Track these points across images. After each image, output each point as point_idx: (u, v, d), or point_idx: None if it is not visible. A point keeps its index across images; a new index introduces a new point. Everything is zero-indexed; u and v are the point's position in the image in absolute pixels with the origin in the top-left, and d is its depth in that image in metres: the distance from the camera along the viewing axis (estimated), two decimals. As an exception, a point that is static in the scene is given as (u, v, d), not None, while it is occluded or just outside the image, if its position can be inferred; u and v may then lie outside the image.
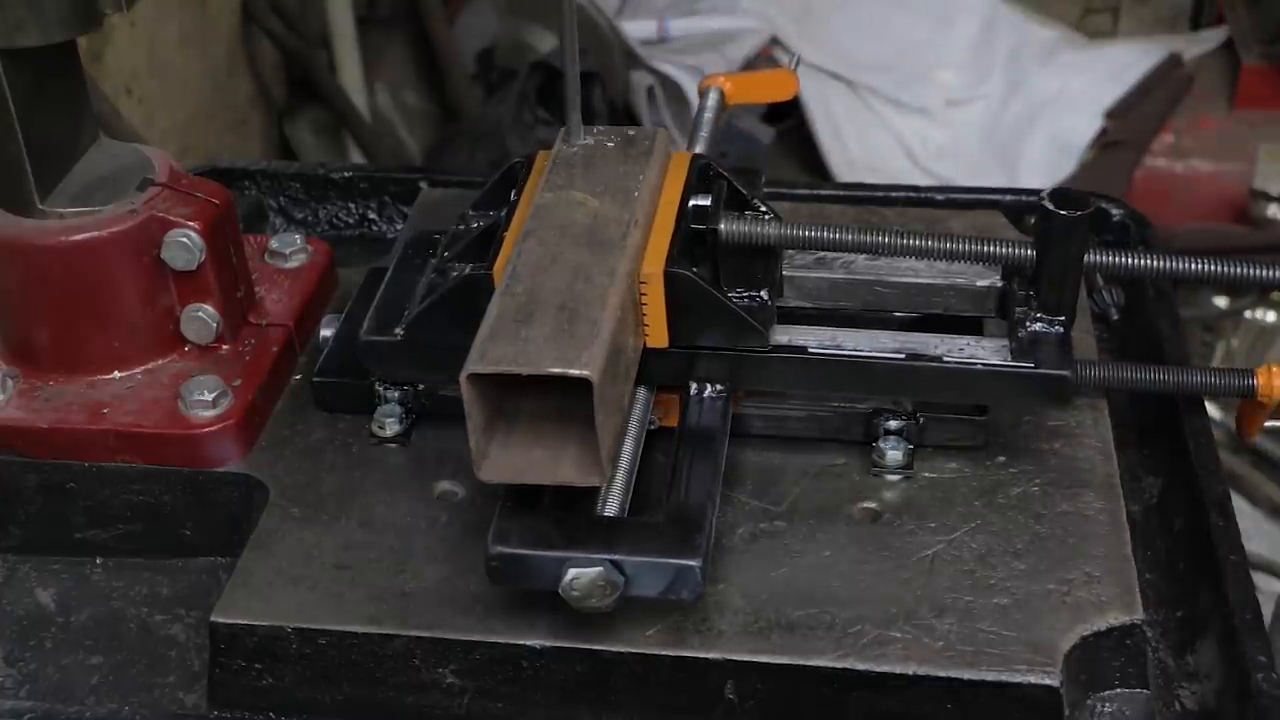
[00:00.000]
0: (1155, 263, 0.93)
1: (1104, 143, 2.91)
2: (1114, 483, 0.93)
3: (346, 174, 1.27)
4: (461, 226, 0.97)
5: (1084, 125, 2.98)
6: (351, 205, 1.27)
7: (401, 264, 1.00)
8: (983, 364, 0.90)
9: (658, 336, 0.89)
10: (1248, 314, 2.64)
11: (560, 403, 0.81)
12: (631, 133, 0.96)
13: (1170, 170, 2.81)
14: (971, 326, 0.97)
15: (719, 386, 0.92)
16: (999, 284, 0.96)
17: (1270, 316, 2.62)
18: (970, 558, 0.87)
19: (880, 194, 1.22)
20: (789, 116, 3.09)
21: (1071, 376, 0.90)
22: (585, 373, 0.77)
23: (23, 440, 0.96)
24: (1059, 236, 0.89)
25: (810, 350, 0.92)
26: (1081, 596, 0.85)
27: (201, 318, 0.99)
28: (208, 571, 0.96)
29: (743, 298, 0.92)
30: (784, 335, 0.92)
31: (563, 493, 0.83)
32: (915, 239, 0.92)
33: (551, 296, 0.82)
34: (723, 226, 0.92)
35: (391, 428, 0.97)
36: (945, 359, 0.91)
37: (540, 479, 0.81)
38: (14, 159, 0.94)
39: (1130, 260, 0.93)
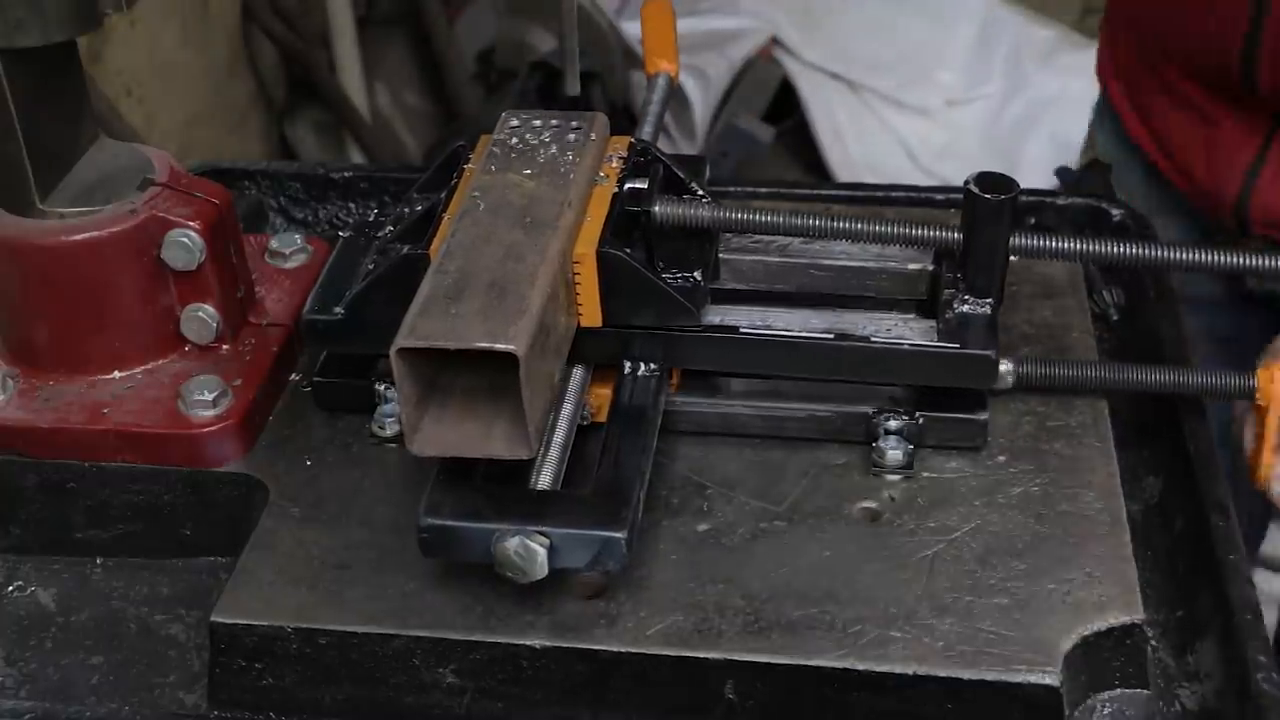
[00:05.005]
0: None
1: (1104, 143, 2.91)
2: (1114, 483, 0.93)
3: (346, 174, 1.27)
4: (405, 209, 0.99)
5: (1084, 125, 2.98)
6: (351, 205, 1.27)
7: (347, 245, 1.01)
8: (909, 344, 0.92)
9: (591, 316, 0.91)
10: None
11: (492, 379, 0.82)
12: (570, 117, 0.97)
13: (1170, 170, 2.80)
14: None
15: (653, 365, 0.93)
16: (930, 267, 0.98)
17: (1270, 317, 2.61)
18: (970, 558, 0.87)
19: (880, 194, 1.22)
20: (789, 116, 3.10)
21: (995, 357, 0.92)
22: (511, 347, 0.78)
23: (23, 440, 0.96)
24: (985, 220, 0.92)
25: (741, 330, 0.94)
26: (1081, 596, 0.85)
27: (201, 318, 0.99)
28: (208, 571, 0.96)
29: (676, 278, 0.93)
30: (717, 316, 0.95)
31: (497, 467, 0.84)
32: (845, 222, 0.94)
33: (483, 274, 0.84)
34: (656, 208, 0.94)
35: (391, 428, 0.97)
36: (873, 339, 0.93)
37: (471, 452, 0.82)
38: (14, 159, 0.94)
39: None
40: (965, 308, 0.94)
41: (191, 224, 0.96)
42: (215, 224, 0.97)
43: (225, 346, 1.01)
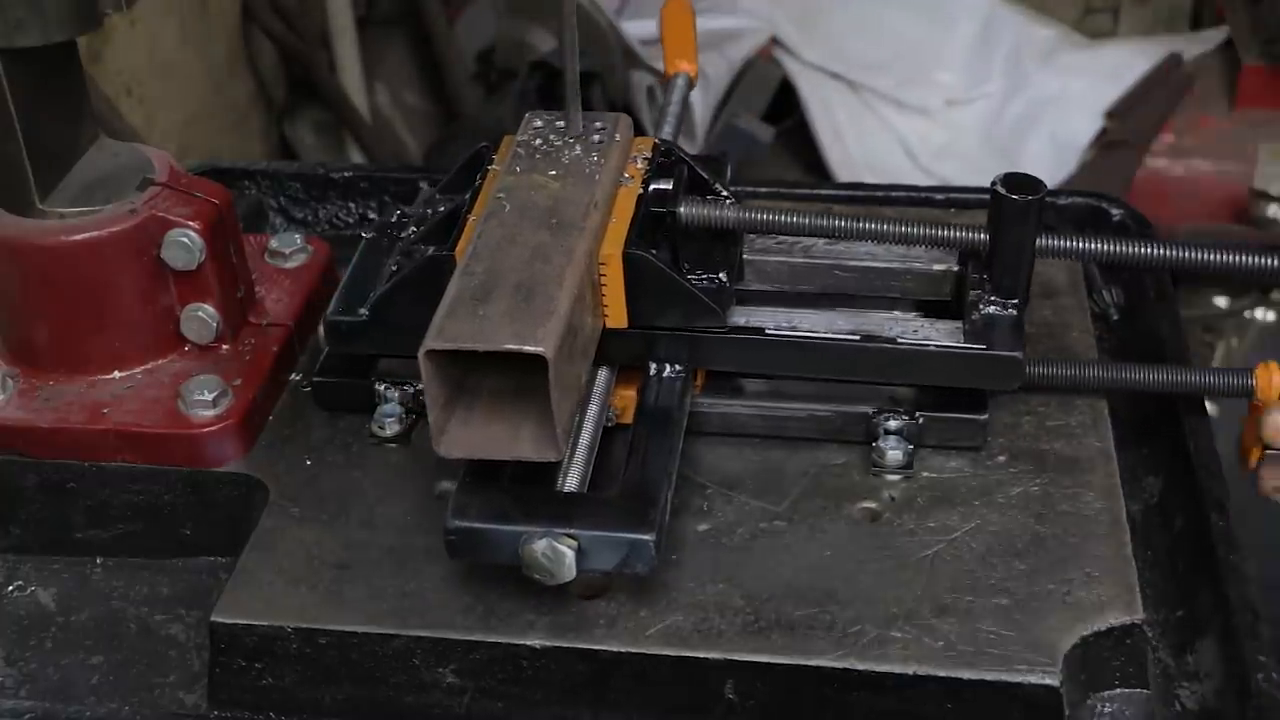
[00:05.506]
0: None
1: (1104, 143, 2.91)
2: (1114, 483, 0.93)
3: (346, 174, 1.27)
4: (428, 210, 0.99)
5: (1084, 125, 2.98)
6: (351, 205, 1.27)
7: (370, 246, 1.01)
8: (936, 345, 0.92)
9: (617, 317, 0.91)
10: (1248, 314, 2.63)
11: (519, 381, 0.82)
12: (594, 118, 0.97)
13: (1170, 170, 2.81)
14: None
15: (678, 367, 0.93)
16: (955, 268, 0.98)
17: (1270, 316, 2.62)
18: (970, 558, 0.87)
19: (880, 194, 1.22)
20: (789, 116, 3.09)
21: (1023, 358, 0.92)
22: (540, 349, 0.78)
23: (23, 440, 0.96)
24: (1012, 220, 0.91)
25: (767, 331, 0.93)
26: (1081, 596, 0.85)
27: (201, 318, 0.99)
28: (208, 571, 0.96)
29: (702, 279, 0.93)
30: (742, 317, 0.94)
31: (523, 469, 0.84)
32: (870, 223, 0.94)
33: (509, 276, 0.83)
34: (682, 209, 0.94)
35: (391, 428, 0.98)
36: (899, 340, 0.93)
37: (498, 454, 0.82)
38: (14, 159, 0.94)
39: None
40: (991, 309, 0.93)
41: (191, 224, 0.96)
42: (215, 224, 0.98)
43: (225, 346, 1.01)
